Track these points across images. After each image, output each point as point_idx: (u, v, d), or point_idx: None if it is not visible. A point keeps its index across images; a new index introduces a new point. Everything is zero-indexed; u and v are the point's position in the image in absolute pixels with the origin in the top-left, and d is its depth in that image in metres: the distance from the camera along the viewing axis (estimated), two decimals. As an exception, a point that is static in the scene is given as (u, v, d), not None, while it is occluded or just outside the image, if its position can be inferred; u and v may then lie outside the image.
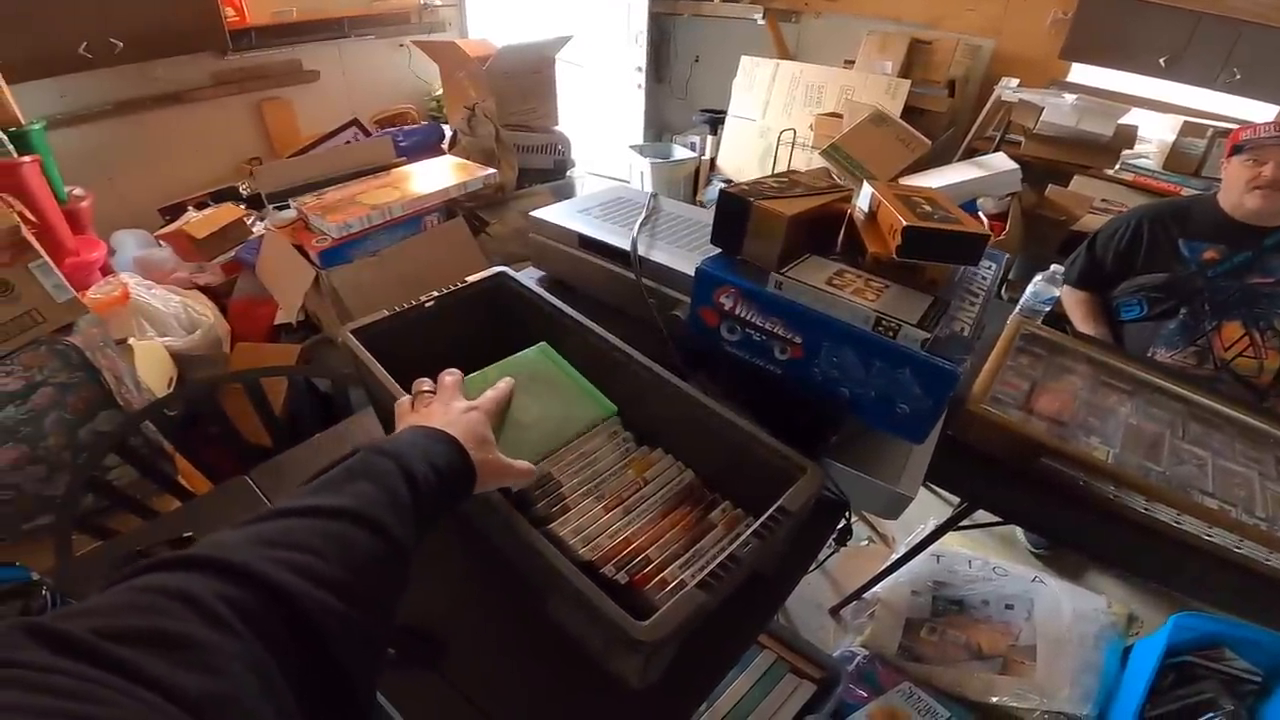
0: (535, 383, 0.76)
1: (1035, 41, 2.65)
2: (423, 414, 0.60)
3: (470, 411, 0.60)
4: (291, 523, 0.37)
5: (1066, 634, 1.48)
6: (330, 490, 0.42)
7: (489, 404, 0.63)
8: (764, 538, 0.57)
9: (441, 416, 0.59)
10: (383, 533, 0.40)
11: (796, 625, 1.65)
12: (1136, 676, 1.32)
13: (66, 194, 1.95)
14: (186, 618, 0.27)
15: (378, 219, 1.56)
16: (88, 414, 1.35)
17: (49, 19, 1.97)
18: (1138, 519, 1.00)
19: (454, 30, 3.43)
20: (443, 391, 0.64)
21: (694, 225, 1.10)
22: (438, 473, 0.49)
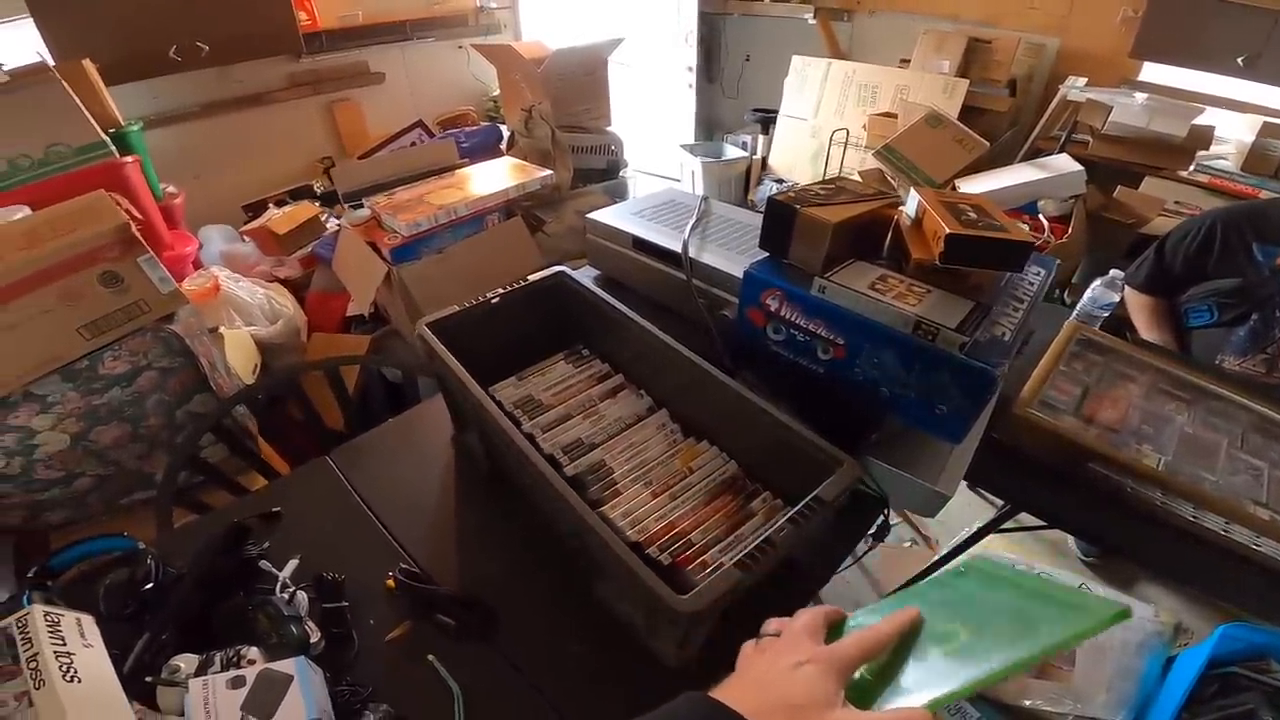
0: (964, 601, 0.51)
1: (1103, 40, 2.56)
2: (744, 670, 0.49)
3: (803, 666, 0.44)
4: None
5: (1108, 640, 1.45)
6: None
7: (842, 652, 0.44)
8: (799, 524, 0.61)
9: (758, 679, 0.46)
10: None
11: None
12: (1176, 685, 1.29)
13: (162, 191, 2.13)
14: None
15: (444, 218, 1.65)
16: (184, 396, 1.47)
17: (143, 24, 2.15)
18: (1184, 526, 0.98)
19: (508, 32, 3.54)
20: (785, 637, 0.49)
21: (743, 228, 1.14)
22: None
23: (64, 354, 1.28)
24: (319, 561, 0.77)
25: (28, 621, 0.58)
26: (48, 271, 1.26)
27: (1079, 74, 2.45)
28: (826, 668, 0.43)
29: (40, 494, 1.36)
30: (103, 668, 0.59)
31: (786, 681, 0.43)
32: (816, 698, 0.41)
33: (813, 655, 0.44)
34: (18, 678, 0.55)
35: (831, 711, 0.41)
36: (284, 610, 0.69)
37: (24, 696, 0.54)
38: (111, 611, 0.69)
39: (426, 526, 0.88)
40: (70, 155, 1.74)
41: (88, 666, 0.57)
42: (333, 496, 0.92)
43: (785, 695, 0.42)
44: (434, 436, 1.02)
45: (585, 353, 0.99)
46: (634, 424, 0.87)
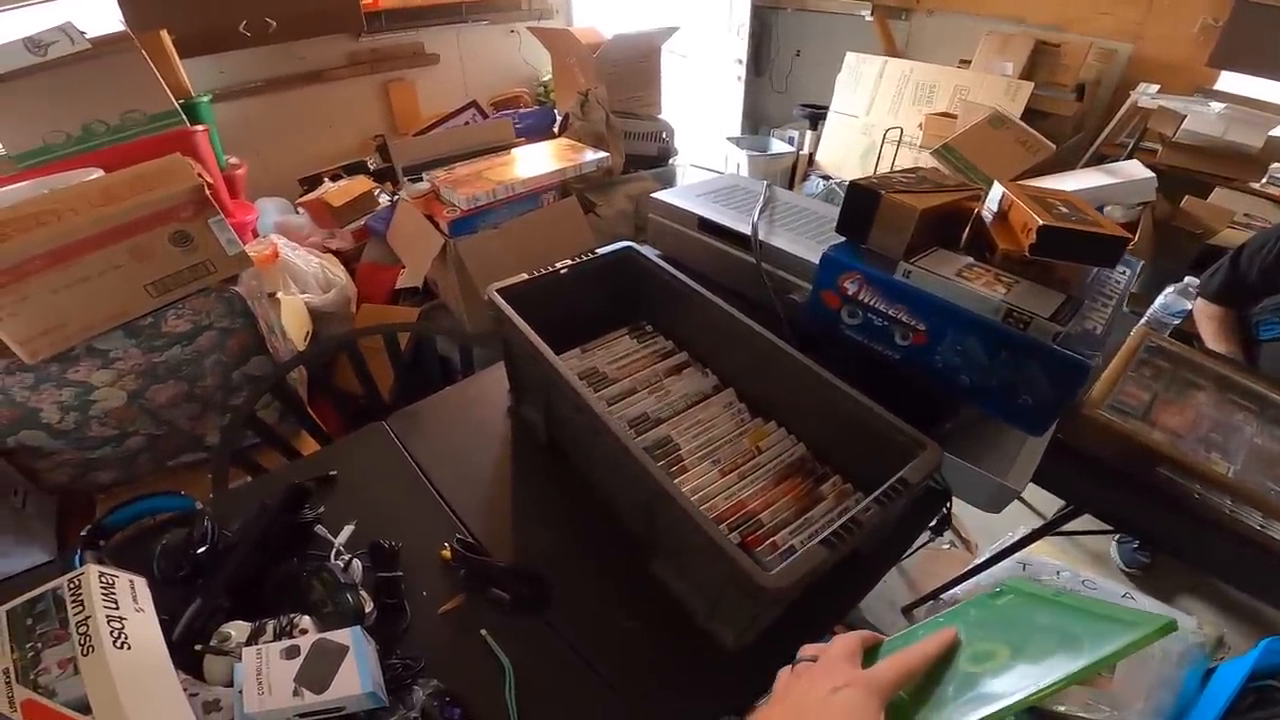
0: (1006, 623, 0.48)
1: (1179, 47, 2.47)
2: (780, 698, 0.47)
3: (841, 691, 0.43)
4: None
5: (1150, 649, 1.42)
6: None
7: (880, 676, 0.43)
8: (885, 505, 0.60)
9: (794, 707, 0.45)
10: None
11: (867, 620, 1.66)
12: (1214, 697, 1.26)
13: (226, 162, 2.18)
14: None
15: (502, 194, 1.66)
16: (242, 358, 1.49)
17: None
18: (1251, 535, 0.97)
19: (560, 18, 3.55)
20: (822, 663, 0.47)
21: (810, 215, 1.13)
22: None
23: (131, 309, 1.31)
24: (373, 528, 0.76)
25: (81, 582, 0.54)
26: (122, 228, 1.29)
27: (1151, 80, 2.37)
28: (865, 692, 0.42)
29: (91, 452, 1.38)
30: (153, 635, 0.56)
31: (824, 707, 0.42)
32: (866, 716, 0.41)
33: (851, 680, 0.43)
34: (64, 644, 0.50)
35: None
36: (339, 578, 0.67)
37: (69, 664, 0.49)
38: (165, 574, 0.66)
39: (482, 498, 0.87)
40: (144, 122, 1.79)
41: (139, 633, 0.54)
42: (388, 463, 0.91)
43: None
44: (490, 407, 1.01)
45: (649, 329, 0.98)
46: (699, 402, 0.86)
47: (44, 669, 0.50)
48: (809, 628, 0.75)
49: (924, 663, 0.44)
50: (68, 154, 1.70)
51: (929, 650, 0.44)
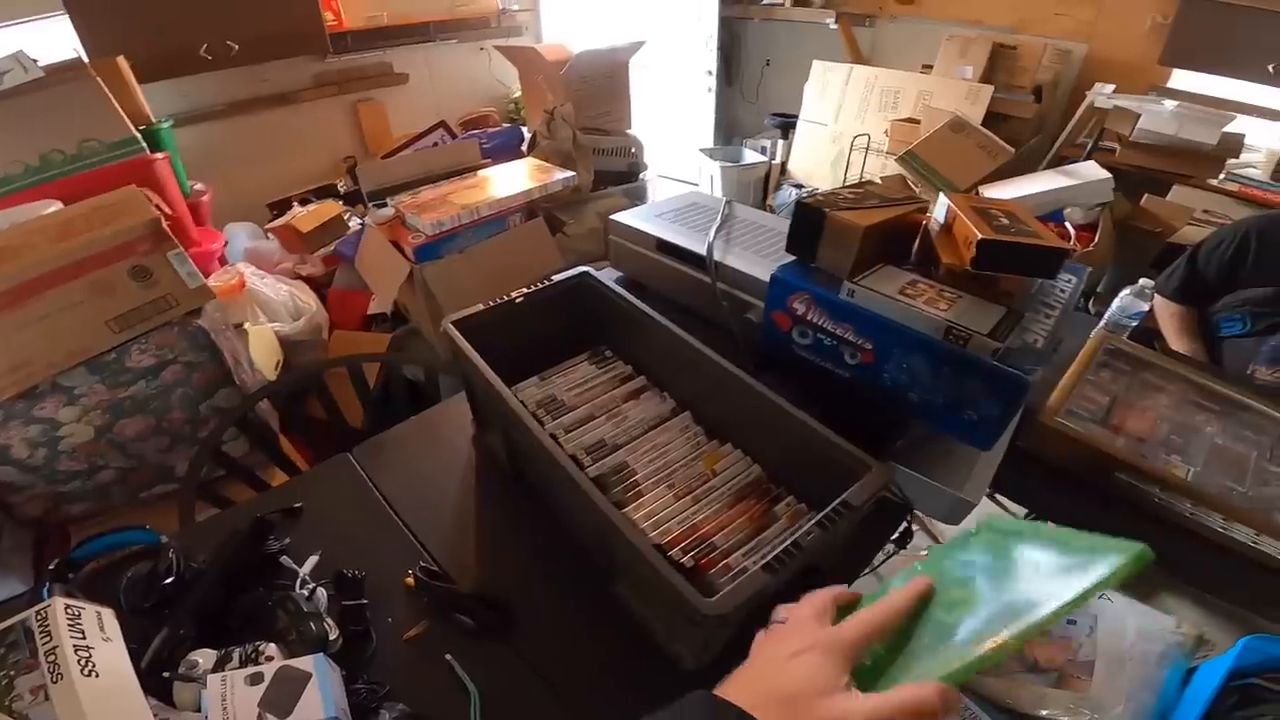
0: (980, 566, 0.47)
1: (1131, 46, 2.52)
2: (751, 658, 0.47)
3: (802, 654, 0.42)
4: None
5: (1128, 651, 1.43)
6: None
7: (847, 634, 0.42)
8: (826, 529, 0.61)
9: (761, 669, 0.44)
10: None
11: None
12: (1195, 697, 1.27)
13: (190, 188, 2.16)
14: None
15: (467, 218, 1.67)
16: (209, 391, 1.48)
17: (176, 22, 2.19)
18: (1213, 538, 0.98)
19: (530, 35, 3.57)
20: (791, 623, 0.47)
21: (767, 232, 1.14)
22: None
23: (93, 346, 1.30)
24: (339, 558, 0.77)
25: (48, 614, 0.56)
26: (80, 264, 1.29)
27: (1106, 81, 2.41)
28: (826, 655, 0.40)
29: (62, 485, 1.38)
30: (121, 663, 0.59)
31: (783, 671, 0.41)
32: (816, 685, 0.39)
33: (814, 641, 0.42)
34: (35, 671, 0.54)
35: (830, 699, 0.38)
36: (304, 606, 0.68)
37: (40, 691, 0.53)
38: (132, 605, 0.68)
39: (446, 525, 0.88)
40: (103, 151, 1.77)
41: (106, 661, 0.57)
42: (354, 493, 0.92)
43: (781, 685, 0.40)
44: (455, 435, 1.02)
45: (608, 354, 0.99)
46: (657, 426, 0.87)
47: (18, 695, 0.53)
48: None
49: (894, 617, 0.42)
50: (27, 184, 1.70)
51: (898, 603, 0.42)
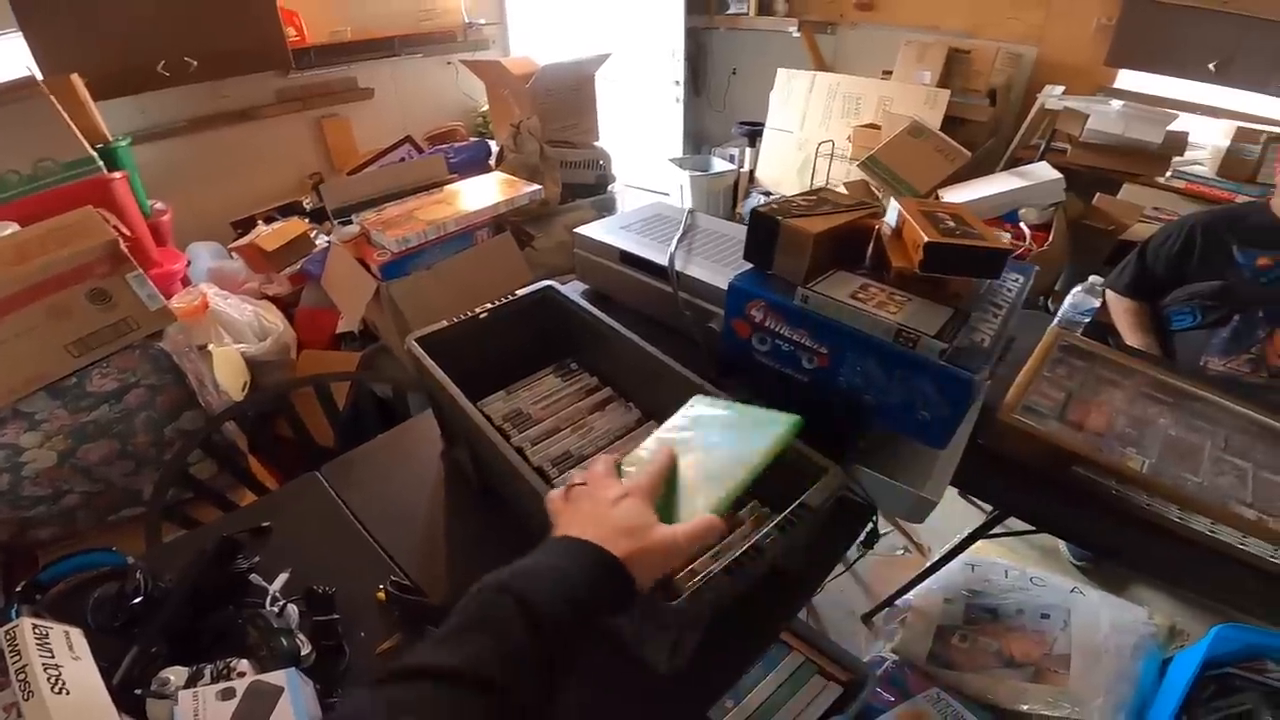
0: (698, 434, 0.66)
1: (1079, 48, 2.61)
2: (571, 514, 0.55)
3: (621, 501, 0.54)
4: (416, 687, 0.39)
5: (1103, 644, 1.44)
6: (449, 644, 0.42)
7: (644, 483, 0.56)
8: (785, 531, 0.62)
9: (590, 515, 0.53)
10: (492, 692, 0.39)
11: (829, 630, 1.67)
12: (1172, 687, 1.29)
13: (150, 208, 2.13)
14: None
15: (433, 234, 1.67)
16: (173, 414, 1.47)
17: (132, 39, 2.16)
18: (1171, 528, 1.00)
19: (497, 48, 3.58)
20: (592, 482, 0.58)
21: (729, 241, 1.16)
22: (574, 605, 0.45)
23: (52, 371, 1.29)
24: (310, 575, 0.78)
25: (16, 634, 0.58)
26: (36, 288, 1.26)
27: (1056, 82, 2.49)
28: (639, 498, 0.54)
29: (27, 511, 1.36)
30: (91, 680, 0.60)
31: (616, 512, 0.53)
32: (644, 520, 0.53)
33: (626, 490, 0.55)
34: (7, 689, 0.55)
35: (656, 529, 0.52)
36: (274, 623, 0.69)
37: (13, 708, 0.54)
38: (100, 624, 0.69)
39: (417, 540, 0.89)
40: (58, 171, 1.74)
41: (76, 678, 0.58)
42: (323, 511, 0.92)
43: (619, 521, 0.52)
44: (424, 451, 1.02)
45: (574, 366, 0.99)
46: (623, 436, 0.88)
47: (-7, 712, 0.56)
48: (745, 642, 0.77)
49: (663, 471, 0.59)
50: (-17, 206, 1.66)
51: (662, 463, 0.59)
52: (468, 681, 0.39)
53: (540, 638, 0.42)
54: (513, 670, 0.40)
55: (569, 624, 0.44)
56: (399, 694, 0.39)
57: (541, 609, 0.43)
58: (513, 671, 0.40)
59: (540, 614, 0.43)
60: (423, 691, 0.38)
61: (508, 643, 0.41)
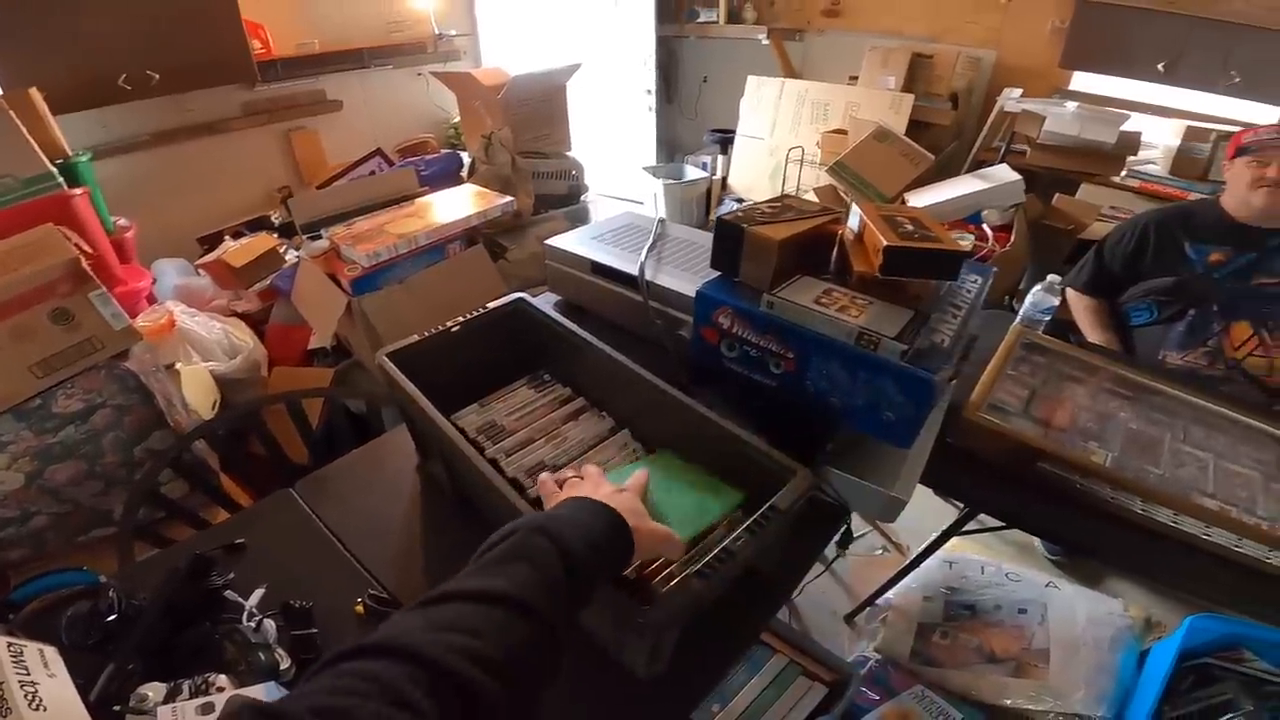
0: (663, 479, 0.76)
1: (1035, 51, 2.68)
2: (574, 491, 0.62)
3: (622, 492, 0.62)
4: (460, 607, 0.43)
5: (1080, 637, 1.47)
6: (491, 572, 0.46)
7: (637, 486, 0.65)
8: (756, 533, 0.64)
9: (595, 493, 0.60)
10: (534, 616, 0.43)
11: (813, 632, 1.68)
12: (1151, 678, 1.31)
13: (113, 224, 2.09)
14: (374, 695, 0.35)
15: (404, 248, 1.66)
16: (142, 434, 1.45)
17: (91, 52, 2.11)
18: (1136, 520, 1.02)
19: (469, 59, 3.57)
20: (590, 476, 0.66)
21: (698, 249, 1.17)
22: (595, 550, 0.52)
23: (16, 393, 1.27)
24: (286, 590, 0.79)
25: None
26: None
27: (1015, 85, 2.56)
28: (634, 494, 0.63)
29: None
30: (68, 696, 0.61)
31: (621, 499, 0.60)
32: (640, 509, 0.61)
33: (626, 487, 0.64)
34: None
35: (648, 519, 0.61)
36: (250, 638, 0.70)
37: None
38: (74, 642, 0.70)
39: (395, 552, 0.89)
40: (17, 188, 1.71)
41: (53, 695, 0.59)
42: (298, 527, 0.92)
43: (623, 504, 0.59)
44: (399, 465, 1.02)
45: (547, 378, 1.00)
46: (596, 445, 0.88)
47: (-28, 730, 0.56)
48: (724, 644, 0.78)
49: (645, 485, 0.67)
50: (-58, 225, 1.61)
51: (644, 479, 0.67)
52: (513, 604, 0.43)
53: (571, 576, 0.48)
54: (549, 599, 0.45)
55: (592, 567, 0.51)
56: (441, 613, 0.42)
57: (572, 550, 0.49)
58: (549, 600, 0.45)
59: (572, 554, 0.49)
60: (466, 609, 0.42)
61: (547, 574, 0.46)
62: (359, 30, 2.99)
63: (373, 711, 0.34)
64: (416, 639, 0.39)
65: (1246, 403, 1.32)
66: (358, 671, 0.36)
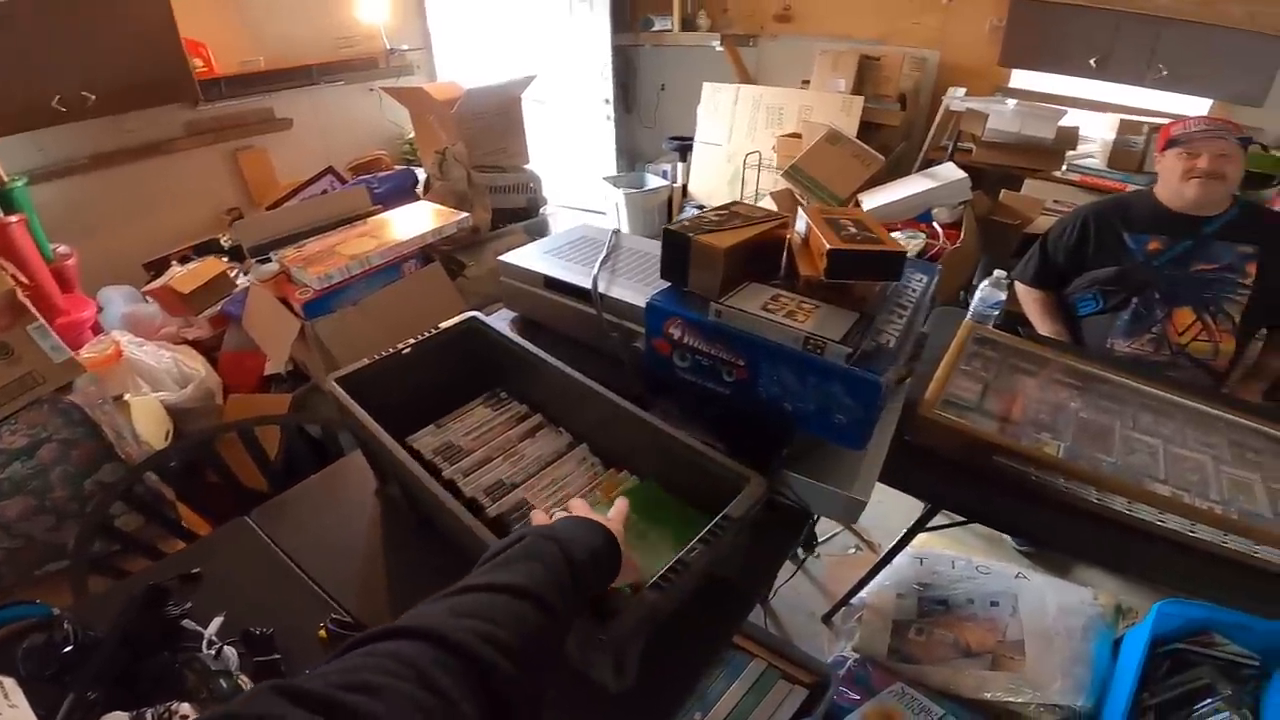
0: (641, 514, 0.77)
1: (976, 50, 2.75)
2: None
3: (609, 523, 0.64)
4: (479, 597, 0.46)
5: (1053, 627, 1.47)
6: (506, 569, 0.50)
7: (619, 516, 0.67)
8: (710, 543, 0.64)
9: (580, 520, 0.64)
10: (547, 608, 0.47)
11: (791, 634, 1.68)
12: (1127, 666, 1.31)
13: (52, 252, 2.02)
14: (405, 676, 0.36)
15: (357, 269, 1.63)
16: (91, 467, 1.42)
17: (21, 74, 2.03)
18: (1092, 509, 1.03)
19: (422, 73, 3.53)
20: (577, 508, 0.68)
21: (653, 260, 1.17)
22: (595, 561, 0.56)
23: (-43, 431, 1.23)
24: (247, 618, 0.78)
25: None
26: (-70, 347, 1.19)
27: (959, 84, 2.63)
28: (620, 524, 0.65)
29: None
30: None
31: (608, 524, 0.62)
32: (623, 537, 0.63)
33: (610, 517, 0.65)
34: None
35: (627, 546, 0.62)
36: (211, 665, 0.71)
37: None
38: (31, 673, 0.70)
39: (357, 576, 0.89)
40: (-56, 217, 1.64)
41: None
42: (256, 555, 0.91)
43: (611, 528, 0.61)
44: (358, 489, 1.01)
45: (504, 395, 0.99)
46: (554, 461, 0.88)
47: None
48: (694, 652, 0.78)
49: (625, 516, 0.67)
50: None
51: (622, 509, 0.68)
52: (528, 596, 0.46)
53: (575, 577, 0.52)
54: (559, 596, 0.48)
55: (591, 576, 0.55)
56: (462, 602, 0.45)
57: (576, 558, 0.53)
58: (559, 597, 0.48)
59: (576, 561, 0.53)
60: (485, 599, 0.46)
61: (556, 575, 0.50)
62: (306, 47, 2.94)
63: (404, 692, 0.35)
64: (442, 623, 0.41)
65: (1193, 387, 1.36)
66: (388, 652, 0.38)
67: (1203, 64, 2.22)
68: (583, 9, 3.48)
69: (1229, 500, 1.02)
